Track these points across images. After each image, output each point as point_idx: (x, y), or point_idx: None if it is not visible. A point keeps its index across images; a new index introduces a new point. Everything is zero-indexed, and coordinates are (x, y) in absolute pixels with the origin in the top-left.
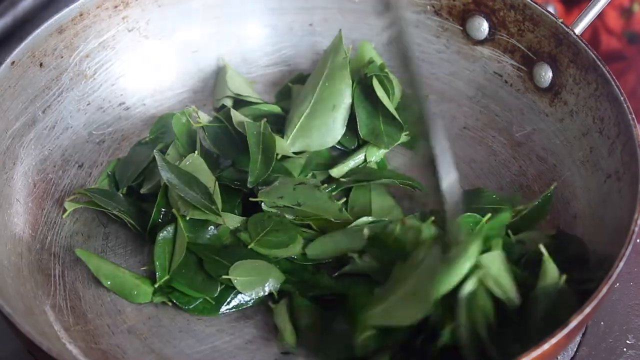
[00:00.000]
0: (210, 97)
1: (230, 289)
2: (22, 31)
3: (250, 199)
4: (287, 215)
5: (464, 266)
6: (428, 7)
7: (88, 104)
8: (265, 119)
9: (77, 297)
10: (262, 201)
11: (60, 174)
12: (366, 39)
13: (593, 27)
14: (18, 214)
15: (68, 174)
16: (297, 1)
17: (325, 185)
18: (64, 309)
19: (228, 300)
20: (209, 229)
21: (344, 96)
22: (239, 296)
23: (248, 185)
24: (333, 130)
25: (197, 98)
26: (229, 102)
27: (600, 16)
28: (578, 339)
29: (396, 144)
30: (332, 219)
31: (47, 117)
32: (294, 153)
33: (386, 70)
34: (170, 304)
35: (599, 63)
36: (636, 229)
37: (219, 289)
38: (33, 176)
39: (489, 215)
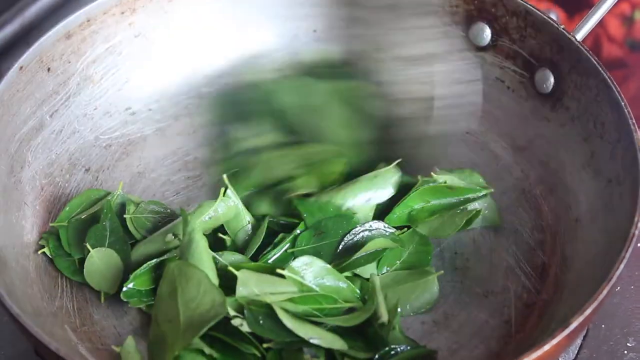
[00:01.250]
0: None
1: None
2: (30, 37)
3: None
4: None
5: None
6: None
7: (95, 109)
8: None
9: (84, 299)
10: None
11: (68, 177)
12: (370, 47)
13: (595, 35)
14: (26, 217)
15: (75, 178)
16: (302, 8)
17: None
18: (71, 310)
19: None
20: None
21: None
22: None
23: None
24: None
25: (202, 104)
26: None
27: (602, 24)
28: (579, 341)
29: None
30: None
31: (55, 122)
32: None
33: None
34: None
35: (600, 69)
36: (636, 232)
37: None
38: (40, 179)
39: None
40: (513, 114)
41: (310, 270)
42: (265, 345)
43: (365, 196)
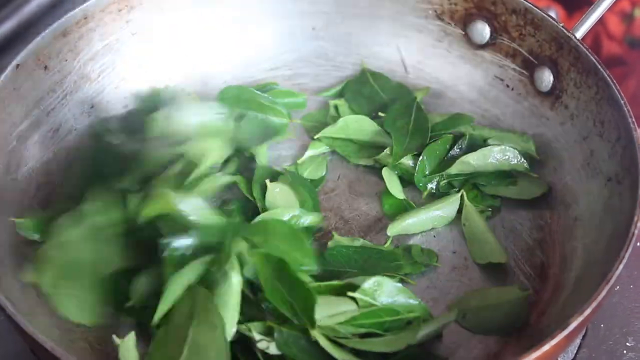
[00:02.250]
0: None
1: None
2: (27, 34)
3: None
4: None
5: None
6: (430, 11)
7: (92, 107)
8: None
9: None
10: None
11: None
12: (368, 44)
13: (594, 32)
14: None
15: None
16: (300, 5)
17: None
18: None
19: None
20: None
21: None
22: None
23: None
24: None
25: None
26: None
27: (602, 21)
28: (578, 341)
29: None
30: None
31: (52, 120)
32: None
33: None
34: None
35: (600, 67)
36: (636, 231)
37: None
38: (37, 178)
39: None
40: (512, 113)
41: (382, 291)
42: None
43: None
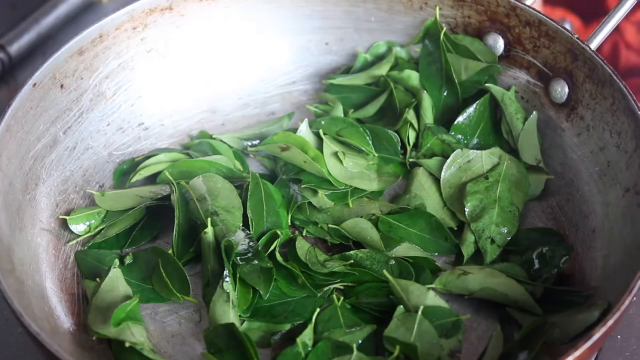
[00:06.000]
0: (227, 116)
1: None
2: (45, 47)
3: None
4: None
5: None
6: (444, 25)
7: (108, 125)
8: None
9: None
10: None
11: (82, 194)
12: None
13: (613, 42)
14: (41, 235)
15: (89, 194)
16: (313, 21)
17: None
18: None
19: None
20: None
21: None
22: None
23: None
24: None
25: (215, 118)
26: None
27: (619, 31)
28: (595, 352)
29: None
30: None
31: (68, 138)
32: None
33: None
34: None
35: (615, 78)
36: None
37: None
38: (55, 196)
39: None
40: None
41: None
42: None
43: None
